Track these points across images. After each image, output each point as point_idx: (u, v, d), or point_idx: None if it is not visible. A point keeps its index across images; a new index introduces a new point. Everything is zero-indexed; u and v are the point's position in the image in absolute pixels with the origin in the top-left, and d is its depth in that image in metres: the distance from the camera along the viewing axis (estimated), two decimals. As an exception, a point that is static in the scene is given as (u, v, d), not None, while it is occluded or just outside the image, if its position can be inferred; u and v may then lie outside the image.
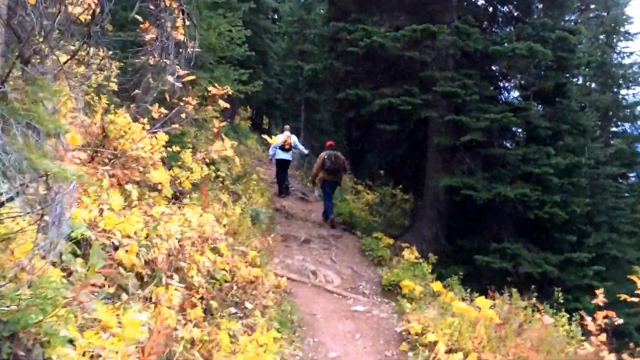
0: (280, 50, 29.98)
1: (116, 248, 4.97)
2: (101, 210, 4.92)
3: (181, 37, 7.62)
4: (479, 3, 18.34)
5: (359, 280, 11.82)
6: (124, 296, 4.68)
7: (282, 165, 18.70)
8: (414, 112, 15.14)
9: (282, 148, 18.10)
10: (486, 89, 15.81)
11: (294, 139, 18.39)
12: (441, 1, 16.17)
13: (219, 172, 12.36)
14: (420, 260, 12.59)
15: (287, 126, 19.49)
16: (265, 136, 17.33)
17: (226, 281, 7.28)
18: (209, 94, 8.88)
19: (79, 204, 4.84)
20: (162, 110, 7.61)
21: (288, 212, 16.69)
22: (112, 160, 6.52)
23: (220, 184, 12.73)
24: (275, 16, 33.20)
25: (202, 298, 6.04)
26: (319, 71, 19.10)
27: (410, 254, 12.77)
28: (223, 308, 6.68)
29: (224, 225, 8.80)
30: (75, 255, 4.40)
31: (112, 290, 4.47)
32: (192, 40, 7.72)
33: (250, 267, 8.35)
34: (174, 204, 7.87)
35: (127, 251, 4.87)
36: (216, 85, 8.98)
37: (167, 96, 7.50)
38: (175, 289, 5.42)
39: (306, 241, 13.97)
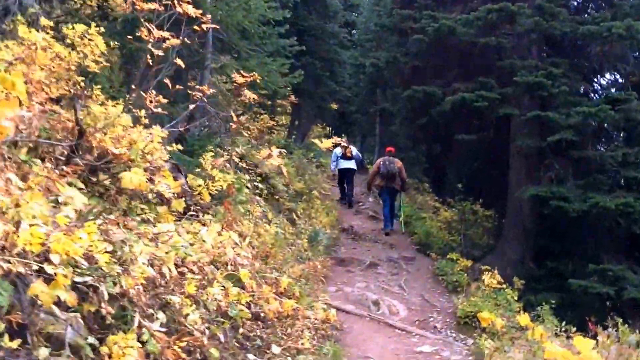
0: (354, 60, 28.39)
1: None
2: (18, 224, 3.41)
3: (191, 12, 6.26)
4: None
5: (430, 311, 10.37)
6: (43, 353, 3.17)
7: (346, 174, 18.28)
8: (492, 109, 13.67)
9: (344, 157, 17.74)
10: (577, 81, 13.88)
11: (353, 149, 18.25)
12: (522, -18, 14.35)
13: (269, 187, 11.65)
14: (504, 286, 11.06)
15: (344, 138, 18.58)
16: (315, 141, 16.08)
17: (246, 319, 5.73)
18: (234, 83, 7.38)
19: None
20: (161, 99, 6.08)
21: (356, 232, 15.72)
22: (86, 162, 5.06)
23: (272, 200, 11.83)
24: (354, 31, 31.72)
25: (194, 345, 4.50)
26: (382, 67, 17.53)
27: (491, 279, 11.01)
28: (235, 357, 5.16)
29: (252, 247, 7.24)
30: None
31: (15, 344, 2.97)
32: (205, 14, 6.35)
33: (285, 298, 6.80)
34: (188, 220, 6.34)
35: (49, 282, 3.34)
36: (243, 73, 7.44)
37: (168, 83, 6.05)
38: (152, 334, 3.95)
39: (372, 265, 12.82)
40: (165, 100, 6.13)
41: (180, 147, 7.38)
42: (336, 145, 17.03)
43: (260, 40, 11.67)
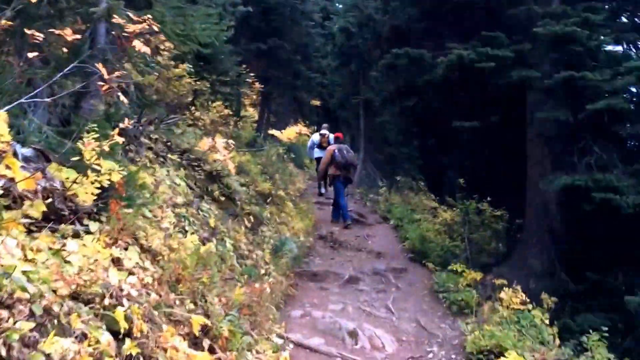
0: (332, 48, 27.23)
1: None
2: None
3: None
4: None
5: (429, 344, 8.67)
6: None
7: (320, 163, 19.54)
8: (501, 74, 11.34)
9: (320, 146, 19.22)
10: (623, 32, 11.84)
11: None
12: None
13: (222, 188, 10.11)
14: (529, 307, 9.07)
15: (325, 125, 20.52)
16: (273, 132, 14.62)
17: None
18: (123, 33, 5.44)
19: None
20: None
21: (336, 239, 14.62)
22: None
23: (227, 203, 10.22)
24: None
25: None
26: (353, 31, 15.66)
27: (511, 296, 8.96)
28: None
29: (161, 267, 5.15)
30: None
31: None
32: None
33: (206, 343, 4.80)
34: (52, 231, 4.54)
35: None
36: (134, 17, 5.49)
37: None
38: None
39: (352, 280, 11.46)
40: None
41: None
42: (316, 131, 16.21)
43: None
